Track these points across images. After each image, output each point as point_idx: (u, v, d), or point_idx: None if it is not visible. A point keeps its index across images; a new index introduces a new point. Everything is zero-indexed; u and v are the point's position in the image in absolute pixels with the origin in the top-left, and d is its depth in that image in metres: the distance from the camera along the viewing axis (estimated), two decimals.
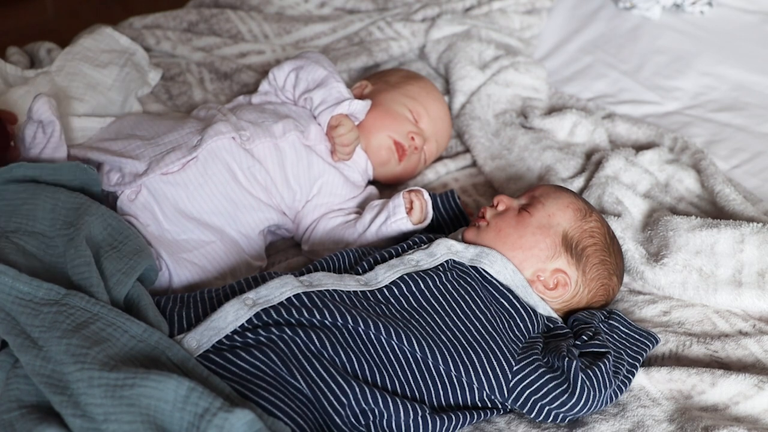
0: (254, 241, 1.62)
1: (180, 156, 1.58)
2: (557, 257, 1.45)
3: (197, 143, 1.59)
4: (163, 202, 1.56)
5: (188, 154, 1.58)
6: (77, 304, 1.22)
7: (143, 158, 1.58)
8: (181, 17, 2.22)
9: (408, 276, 1.38)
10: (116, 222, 1.40)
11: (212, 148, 1.59)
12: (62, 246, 1.34)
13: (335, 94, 1.70)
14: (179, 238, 1.56)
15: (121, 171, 1.58)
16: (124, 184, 1.57)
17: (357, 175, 1.75)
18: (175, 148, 1.59)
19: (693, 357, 1.44)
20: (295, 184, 1.65)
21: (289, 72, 1.75)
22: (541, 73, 2.10)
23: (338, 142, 1.67)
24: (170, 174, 1.57)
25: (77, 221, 1.37)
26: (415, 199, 1.62)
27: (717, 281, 1.53)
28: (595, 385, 1.30)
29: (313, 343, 1.26)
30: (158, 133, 1.64)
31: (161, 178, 1.57)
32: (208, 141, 1.59)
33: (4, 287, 1.22)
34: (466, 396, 1.32)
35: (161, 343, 1.21)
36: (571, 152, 1.86)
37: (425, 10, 2.29)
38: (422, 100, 1.82)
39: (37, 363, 1.15)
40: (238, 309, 1.29)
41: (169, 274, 1.52)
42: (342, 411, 1.23)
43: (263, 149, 1.63)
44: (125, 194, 1.57)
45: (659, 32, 2.30)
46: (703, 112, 2.07)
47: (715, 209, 1.74)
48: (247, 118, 1.65)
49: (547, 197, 1.49)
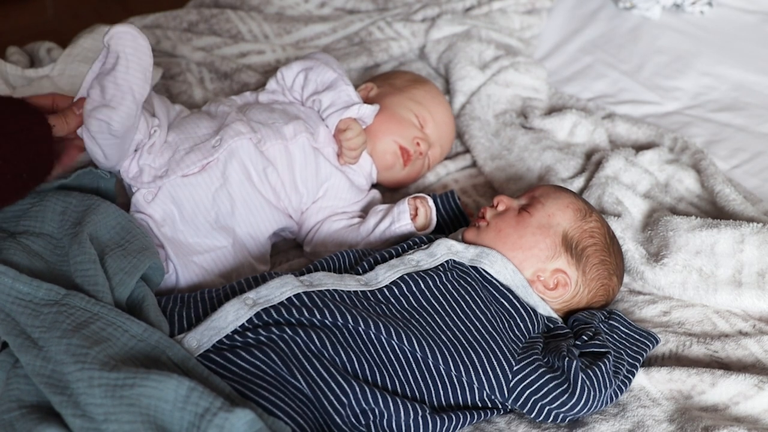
0: (261, 244, 1.62)
1: (201, 157, 1.55)
2: (557, 257, 1.45)
3: (216, 144, 1.57)
4: (181, 203, 1.55)
5: (209, 156, 1.56)
6: (77, 304, 1.23)
7: (161, 158, 1.56)
8: (181, 17, 2.22)
9: (408, 276, 1.38)
10: (125, 221, 1.40)
11: (232, 148, 1.57)
12: (68, 245, 1.34)
13: (344, 98, 1.69)
14: (192, 240, 1.55)
15: (140, 167, 1.55)
16: (142, 183, 1.55)
17: (362, 179, 1.74)
18: (193, 148, 1.57)
19: (693, 357, 1.44)
20: (302, 187, 1.65)
21: (298, 72, 1.74)
22: (541, 73, 2.10)
23: (346, 146, 1.67)
24: (190, 175, 1.56)
25: (83, 219, 1.37)
26: (420, 206, 1.61)
27: (717, 281, 1.53)
28: (595, 385, 1.30)
29: (314, 343, 1.26)
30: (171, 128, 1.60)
31: (181, 179, 1.55)
32: (228, 141, 1.57)
33: (4, 287, 1.22)
34: (466, 396, 1.32)
35: (161, 343, 1.21)
36: (571, 152, 1.86)
37: (425, 10, 2.29)
38: (428, 105, 1.82)
39: (37, 363, 1.15)
40: (239, 309, 1.29)
41: (176, 276, 1.51)
42: (342, 411, 1.23)
43: (275, 151, 1.61)
44: (141, 193, 1.54)
45: (659, 32, 2.31)
46: (703, 112, 2.07)
47: (715, 209, 1.74)
48: (258, 119, 1.64)
49: (547, 197, 1.49)
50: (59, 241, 1.36)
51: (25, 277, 1.24)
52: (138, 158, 1.55)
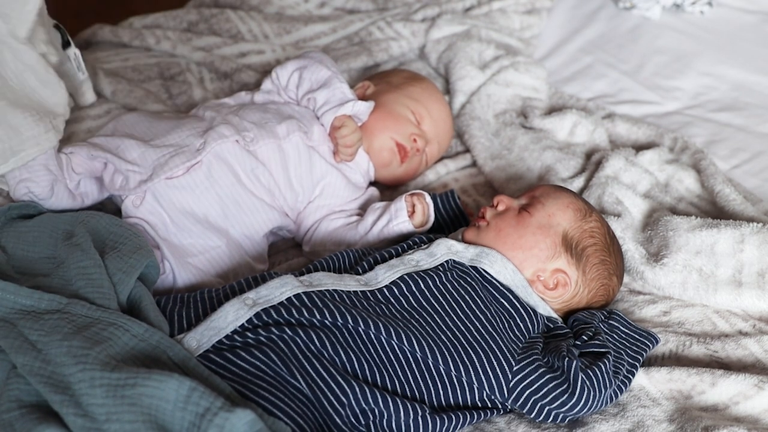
0: (258, 243, 1.62)
1: (184, 160, 1.56)
2: (557, 257, 1.45)
3: (201, 147, 1.58)
4: (169, 206, 1.55)
5: (192, 158, 1.57)
6: (79, 311, 1.23)
7: (145, 163, 1.57)
8: (181, 17, 2.22)
9: (408, 276, 1.38)
10: (115, 226, 1.41)
11: (216, 151, 1.58)
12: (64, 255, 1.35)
13: (339, 95, 1.69)
14: (185, 242, 1.55)
15: (124, 175, 1.57)
16: (128, 189, 1.56)
17: (359, 176, 1.75)
18: (178, 151, 1.58)
19: (693, 357, 1.44)
20: (297, 186, 1.65)
21: (292, 71, 1.75)
22: (541, 73, 2.10)
23: (341, 143, 1.67)
24: (175, 178, 1.56)
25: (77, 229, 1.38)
26: (417, 203, 1.62)
27: (717, 281, 1.53)
28: (595, 385, 1.30)
29: (313, 343, 1.26)
30: (157, 134, 1.62)
31: (166, 182, 1.56)
32: (212, 144, 1.58)
33: (7, 302, 1.23)
34: (466, 396, 1.32)
35: (162, 343, 1.21)
36: (571, 152, 1.86)
37: (425, 10, 2.29)
38: (424, 101, 1.82)
39: (36, 364, 1.15)
40: (238, 309, 1.29)
41: (174, 277, 1.52)
42: (342, 411, 1.23)
43: (267, 151, 1.62)
44: (130, 200, 1.56)
45: (659, 32, 2.31)
46: (703, 112, 2.07)
47: (715, 209, 1.74)
48: (251, 119, 1.65)
49: (547, 197, 1.49)
50: (56, 259, 1.38)
51: (26, 290, 1.25)
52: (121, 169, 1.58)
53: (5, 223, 1.46)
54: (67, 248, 1.35)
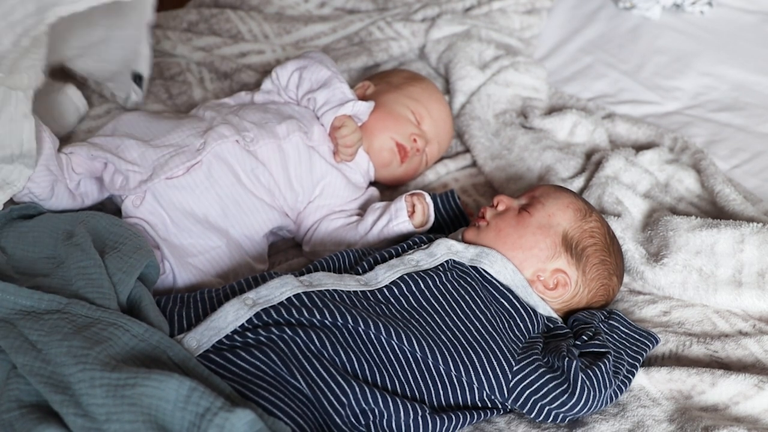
0: (258, 243, 1.62)
1: (184, 160, 1.56)
2: (557, 257, 1.45)
3: (201, 147, 1.58)
4: (169, 206, 1.55)
5: (192, 158, 1.57)
6: (79, 311, 1.23)
7: (146, 163, 1.57)
8: (181, 17, 2.22)
9: (408, 276, 1.38)
10: (115, 226, 1.41)
11: (216, 151, 1.58)
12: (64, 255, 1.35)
13: (339, 95, 1.69)
14: (185, 242, 1.55)
15: (124, 175, 1.57)
16: (129, 189, 1.56)
17: (359, 176, 1.75)
18: (178, 151, 1.58)
19: (693, 357, 1.44)
20: (297, 186, 1.65)
21: (292, 72, 1.75)
22: (541, 73, 2.10)
23: (341, 143, 1.67)
24: (175, 178, 1.56)
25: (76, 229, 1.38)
26: (417, 203, 1.62)
27: (717, 281, 1.53)
28: (595, 385, 1.30)
29: (313, 343, 1.26)
30: (157, 134, 1.63)
31: (165, 182, 1.56)
32: (212, 144, 1.58)
33: (7, 303, 1.23)
34: (466, 396, 1.32)
35: (162, 343, 1.21)
36: (571, 152, 1.86)
37: (425, 10, 2.29)
38: (424, 101, 1.82)
39: (36, 364, 1.15)
40: (238, 309, 1.29)
41: (174, 277, 1.52)
42: (342, 411, 1.23)
43: (267, 151, 1.62)
44: (130, 200, 1.56)
45: (659, 32, 2.31)
46: (703, 112, 2.07)
47: (715, 209, 1.74)
48: (251, 119, 1.65)
49: (547, 197, 1.49)
50: (57, 259, 1.37)
51: (26, 291, 1.25)
52: (123, 169, 1.57)
53: (5, 223, 1.46)
54: (67, 248, 1.35)
